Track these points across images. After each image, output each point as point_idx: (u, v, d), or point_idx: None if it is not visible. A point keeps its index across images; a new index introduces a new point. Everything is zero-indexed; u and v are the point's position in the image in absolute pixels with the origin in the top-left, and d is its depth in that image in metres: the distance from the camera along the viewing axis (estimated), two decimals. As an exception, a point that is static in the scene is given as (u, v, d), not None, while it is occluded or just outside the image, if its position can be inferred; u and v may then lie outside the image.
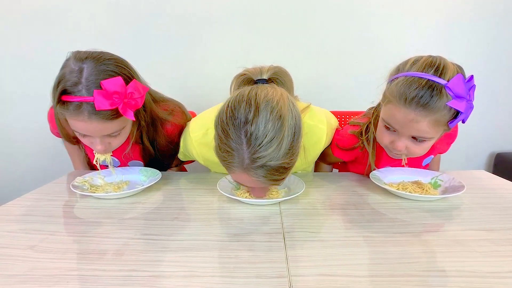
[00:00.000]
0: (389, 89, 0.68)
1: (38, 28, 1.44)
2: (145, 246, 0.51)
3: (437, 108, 0.61)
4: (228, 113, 0.56)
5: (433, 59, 0.64)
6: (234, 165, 0.56)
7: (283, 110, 0.55)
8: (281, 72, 0.68)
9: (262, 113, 0.53)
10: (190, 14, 1.43)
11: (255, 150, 0.53)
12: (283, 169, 0.56)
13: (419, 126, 0.64)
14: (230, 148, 0.55)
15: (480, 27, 1.49)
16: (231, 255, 0.48)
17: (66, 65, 0.66)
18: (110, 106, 0.62)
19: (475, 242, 0.52)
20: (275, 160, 0.54)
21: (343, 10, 1.45)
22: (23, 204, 0.68)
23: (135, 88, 0.67)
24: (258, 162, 0.53)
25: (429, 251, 0.49)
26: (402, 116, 0.65)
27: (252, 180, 0.57)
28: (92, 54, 0.67)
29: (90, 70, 0.64)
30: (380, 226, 0.57)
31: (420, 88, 0.61)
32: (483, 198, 0.70)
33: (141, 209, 0.66)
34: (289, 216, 0.62)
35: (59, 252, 0.50)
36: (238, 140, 0.54)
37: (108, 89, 0.62)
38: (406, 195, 0.68)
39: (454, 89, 0.60)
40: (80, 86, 0.63)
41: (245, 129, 0.53)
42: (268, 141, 0.53)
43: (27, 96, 1.51)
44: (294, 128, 0.57)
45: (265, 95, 0.55)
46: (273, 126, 0.53)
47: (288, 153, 0.55)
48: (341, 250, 0.50)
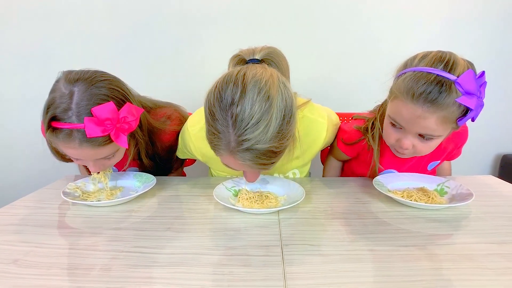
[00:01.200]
0: (396, 84, 0.65)
1: (37, 29, 1.42)
2: (134, 260, 0.48)
3: (445, 105, 0.58)
4: (215, 94, 0.53)
5: (442, 54, 0.61)
6: (221, 147, 0.54)
7: (272, 90, 0.52)
8: (275, 53, 0.66)
9: (248, 94, 0.51)
10: (190, 14, 1.41)
11: (241, 133, 0.51)
12: (271, 153, 0.54)
13: (427, 123, 0.61)
14: (217, 131, 0.53)
15: (485, 26, 1.45)
16: (225, 271, 0.46)
17: (56, 88, 0.62)
18: (102, 133, 0.59)
19: (486, 257, 0.48)
20: (262, 143, 0.51)
21: (345, 9, 1.41)
22: (12, 212, 0.65)
23: (128, 111, 0.64)
24: (244, 144, 0.51)
25: (437, 267, 0.46)
26: (409, 112, 0.62)
27: (239, 163, 0.55)
28: (83, 75, 0.63)
29: (81, 94, 0.60)
30: (384, 238, 0.54)
31: (428, 84, 0.58)
32: (493, 207, 0.66)
33: (133, 218, 0.63)
34: (288, 226, 0.59)
35: (44, 267, 0.47)
36: (224, 122, 0.52)
37: (99, 116, 0.59)
38: (411, 204, 0.65)
39: (464, 85, 0.57)
40: (70, 112, 0.59)
41: (231, 111, 0.51)
42: (254, 123, 0.50)
43: (24, 98, 1.50)
44: (284, 110, 0.53)
45: (253, 75, 0.53)
46: (260, 107, 0.50)
47: (276, 136, 0.52)
48: (342, 266, 0.47)
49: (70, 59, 1.46)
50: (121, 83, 0.69)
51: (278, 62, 0.65)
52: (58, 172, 1.00)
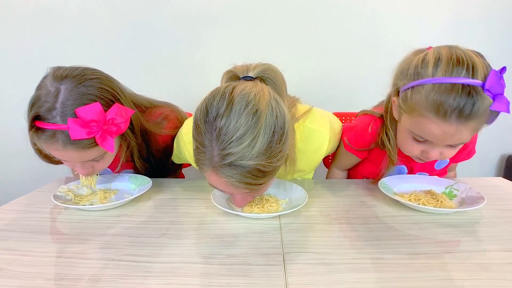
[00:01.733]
0: (413, 99, 0.58)
1: (36, 29, 1.39)
2: (126, 270, 0.45)
3: (480, 114, 0.54)
4: (202, 108, 0.51)
5: (456, 55, 0.55)
6: (204, 163, 0.51)
7: (261, 105, 0.49)
8: (270, 70, 0.61)
9: (235, 107, 0.48)
10: (190, 14, 1.39)
11: (224, 146, 0.47)
12: (258, 171, 0.49)
13: (461, 136, 0.57)
14: (201, 145, 0.50)
15: (488, 24, 1.42)
16: (222, 283, 0.42)
17: (43, 84, 0.59)
18: (87, 135, 0.56)
19: (502, 267, 0.45)
20: (247, 159, 0.47)
21: (346, 9, 1.39)
22: (0, 217, 0.62)
23: (117, 113, 0.60)
24: (227, 159, 0.47)
25: (449, 277, 0.43)
26: (441, 130, 0.57)
27: (222, 182, 0.51)
28: (72, 72, 0.60)
29: (67, 93, 0.57)
30: (392, 246, 0.51)
31: (459, 98, 0.52)
32: (505, 211, 0.63)
33: (127, 223, 0.60)
34: (290, 232, 0.56)
35: (28, 278, 0.44)
36: (208, 136, 0.49)
37: (84, 117, 0.56)
38: (419, 208, 0.62)
39: (493, 89, 0.52)
40: (54, 112, 0.56)
41: (216, 123, 0.48)
42: (239, 136, 0.47)
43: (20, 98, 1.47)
44: (274, 126, 0.50)
45: (242, 89, 0.50)
46: (246, 120, 0.47)
47: (265, 153, 0.48)
48: (347, 277, 0.43)
49: (69, 59, 1.40)
50: (112, 81, 0.65)
51: (273, 79, 0.61)
52: (51, 174, 0.97)
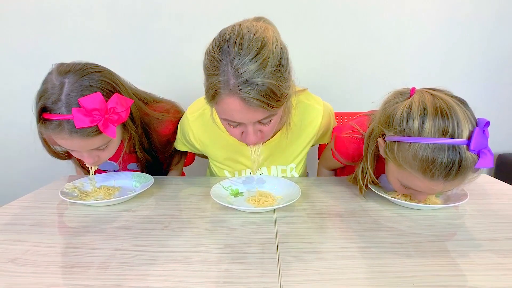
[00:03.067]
0: (401, 155, 0.58)
1: (36, 28, 1.42)
2: (132, 259, 0.49)
3: (466, 172, 0.55)
4: (214, 43, 0.59)
5: (441, 109, 0.55)
6: (221, 87, 0.56)
7: (266, 34, 0.57)
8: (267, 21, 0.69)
9: (245, 35, 0.55)
10: (189, 14, 1.42)
11: (239, 66, 0.54)
12: (271, 92, 0.55)
13: (448, 188, 0.59)
14: (217, 70, 0.56)
15: (482, 27, 1.47)
16: (221, 269, 0.46)
17: (48, 79, 0.64)
18: (90, 123, 0.60)
19: (477, 254, 0.49)
20: (260, 77, 0.54)
21: (343, 10, 1.42)
22: (9, 212, 0.66)
23: (117, 102, 0.64)
24: (243, 77, 0.54)
25: (429, 263, 0.47)
26: (427, 187, 0.58)
27: (240, 103, 0.56)
28: (75, 67, 0.65)
29: (71, 86, 0.62)
30: (377, 236, 0.55)
31: (446, 160, 0.53)
32: (486, 205, 0.67)
33: (131, 217, 0.64)
34: (284, 224, 0.60)
35: (42, 266, 0.47)
36: (224, 61, 0.55)
37: (87, 106, 0.60)
38: (405, 204, 0.66)
39: (477, 147, 0.53)
40: (59, 103, 0.61)
41: (229, 51, 0.55)
42: (251, 57, 0.54)
43: (21, 97, 1.50)
44: (279, 54, 0.57)
45: (249, 23, 0.58)
46: (256, 44, 0.55)
47: (274, 74, 0.55)
48: (336, 263, 0.47)
49: (68, 59, 1.45)
50: (112, 74, 0.70)
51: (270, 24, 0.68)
52: (56, 172, 1.00)
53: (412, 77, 1.51)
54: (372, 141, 0.69)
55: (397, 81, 1.52)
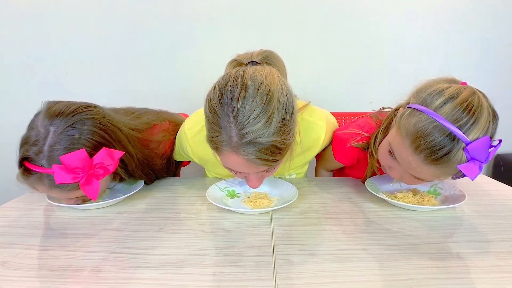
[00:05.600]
0: (406, 120, 0.58)
1: (34, 29, 1.41)
2: (125, 262, 0.48)
3: (446, 166, 0.54)
4: (215, 92, 0.54)
5: (470, 103, 0.53)
6: (223, 144, 0.53)
7: (272, 85, 0.52)
8: (272, 56, 0.66)
9: (249, 88, 0.51)
10: (187, 15, 1.41)
11: (242, 126, 0.50)
12: (275, 148, 0.52)
13: (421, 174, 0.59)
14: (218, 126, 0.52)
15: (481, 27, 1.47)
16: (216, 272, 0.46)
17: (34, 124, 0.59)
18: (71, 180, 0.56)
19: (475, 256, 0.49)
20: (265, 137, 0.50)
21: (340, 10, 1.42)
22: (1, 214, 0.65)
23: (104, 157, 0.59)
24: (246, 138, 0.50)
25: (427, 265, 0.47)
26: (407, 158, 0.58)
27: (242, 160, 0.53)
28: (65, 110, 0.59)
29: (56, 136, 0.57)
30: (374, 238, 0.55)
31: (437, 141, 0.52)
32: (484, 206, 0.67)
33: (125, 219, 0.63)
34: (280, 226, 0.59)
35: (33, 269, 0.47)
36: (226, 117, 0.51)
37: (69, 164, 0.56)
38: (402, 205, 0.65)
39: (473, 153, 0.52)
40: (41, 155, 0.56)
41: (232, 105, 0.51)
42: (256, 115, 0.50)
43: (17, 98, 1.49)
44: (285, 105, 0.53)
45: (253, 72, 0.54)
46: (261, 100, 0.50)
47: (280, 130, 0.52)
48: (333, 266, 0.47)
49: (66, 61, 1.46)
50: (105, 120, 0.63)
51: (275, 64, 0.65)
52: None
53: (410, 78, 1.50)
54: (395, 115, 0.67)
55: (395, 81, 1.53)
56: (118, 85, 1.50)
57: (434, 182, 0.74)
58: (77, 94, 1.49)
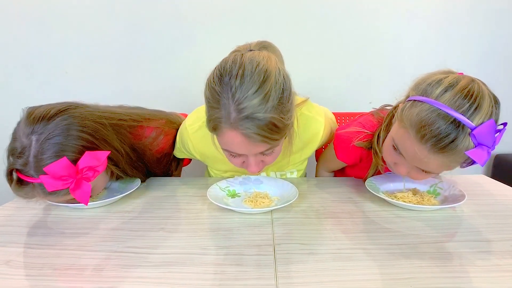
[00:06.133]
0: (407, 112, 0.58)
1: (33, 29, 1.41)
2: (127, 260, 0.48)
3: (453, 153, 0.53)
4: (215, 73, 0.56)
5: (470, 89, 0.53)
6: (222, 121, 0.54)
7: (269, 65, 0.55)
8: (270, 45, 0.69)
9: (247, 67, 0.53)
10: (186, 14, 1.41)
11: (240, 101, 0.52)
12: (273, 125, 0.53)
13: (429, 165, 0.58)
14: (217, 104, 0.54)
15: (479, 27, 1.47)
16: (218, 270, 0.46)
17: (17, 134, 0.59)
18: (62, 186, 0.57)
19: (475, 255, 0.49)
20: (262, 112, 0.52)
21: (339, 10, 1.42)
22: (3, 214, 0.65)
23: (89, 161, 0.59)
24: (244, 112, 0.52)
25: (427, 264, 0.47)
26: (413, 150, 0.57)
27: (241, 137, 0.54)
28: (45, 115, 0.58)
29: (39, 145, 0.56)
30: (374, 237, 0.55)
31: (443, 128, 0.52)
32: (483, 206, 0.67)
33: (127, 218, 0.63)
34: (281, 225, 0.59)
35: (36, 268, 0.47)
36: (225, 95, 0.53)
37: (54, 173, 0.56)
38: (402, 205, 0.65)
39: (480, 138, 0.51)
40: (28, 166, 0.56)
41: (230, 84, 0.53)
42: (253, 92, 0.52)
43: (16, 98, 1.49)
44: (282, 85, 0.55)
45: (251, 54, 0.56)
46: (258, 77, 0.53)
47: (277, 108, 0.53)
48: (333, 264, 0.47)
49: (66, 61, 1.46)
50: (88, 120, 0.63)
51: (273, 52, 0.66)
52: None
53: (410, 78, 1.51)
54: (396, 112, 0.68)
55: (395, 81, 1.53)
56: (118, 85, 1.50)
57: (434, 181, 0.75)
58: (77, 94, 1.49)
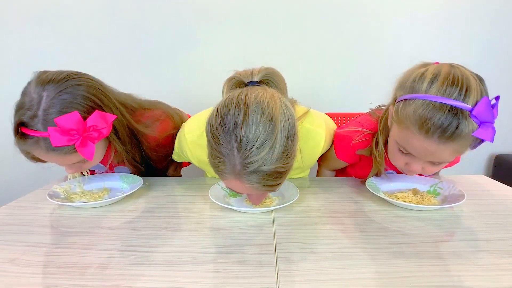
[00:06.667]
0: (403, 112, 0.59)
1: (34, 30, 1.43)
2: (131, 259, 0.49)
3: (462, 138, 0.54)
4: (217, 117, 0.53)
5: (454, 75, 0.55)
6: (226, 171, 0.53)
7: (275, 111, 0.52)
8: (273, 74, 0.65)
9: (252, 116, 0.50)
10: (188, 15, 1.43)
11: (246, 155, 0.50)
12: (277, 173, 0.53)
13: (441, 156, 0.59)
14: (221, 154, 0.52)
15: (479, 26, 1.47)
16: (219, 269, 0.47)
17: (27, 90, 0.61)
18: (67, 142, 0.58)
19: (473, 254, 0.50)
20: (268, 165, 0.50)
21: (339, 11, 1.43)
22: (8, 213, 0.66)
23: (97, 120, 0.61)
24: (250, 167, 0.50)
25: (426, 264, 0.47)
26: (422, 146, 0.58)
27: (245, 187, 0.54)
28: (56, 77, 0.61)
29: (49, 100, 0.58)
30: (374, 237, 0.55)
31: (444, 118, 0.53)
32: (483, 206, 0.68)
33: (129, 217, 0.64)
34: (282, 225, 0.60)
35: (41, 266, 0.48)
36: (229, 146, 0.51)
37: (63, 126, 0.57)
38: (402, 205, 0.66)
39: (480, 116, 0.52)
40: (36, 119, 0.58)
41: (235, 134, 0.50)
42: (259, 144, 0.49)
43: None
44: (287, 130, 0.53)
45: (255, 97, 0.52)
46: (264, 128, 0.50)
47: (282, 156, 0.52)
48: (334, 263, 0.48)
49: (66, 60, 1.47)
50: (95, 86, 0.66)
51: (276, 83, 0.64)
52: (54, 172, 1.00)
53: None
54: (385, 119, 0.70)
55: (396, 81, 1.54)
56: (120, 86, 1.49)
57: (434, 181, 0.75)
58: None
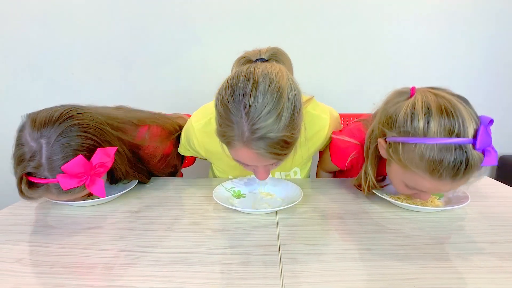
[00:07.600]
0: (407, 157, 0.57)
1: (37, 30, 1.44)
2: (136, 259, 0.50)
3: (472, 171, 0.54)
4: (227, 88, 0.56)
5: (445, 108, 0.54)
6: (234, 139, 0.55)
7: (282, 82, 0.55)
8: (280, 53, 0.68)
9: (260, 85, 0.53)
10: (190, 15, 1.43)
11: (254, 122, 0.52)
12: (284, 142, 0.55)
13: (454, 188, 0.59)
14: (230, 122, 0.54)
15: (481, 27, 1.47)
16: (224, 270, 0.47)
17: (23, 140, 0.59)
18: (77, 184, 0.59)
19: (478, 256, 0.50)
20: (275, 132, 0.53)
21: (342, 11, 1.43)
22: (15, 213, 0.67)
23: (101, 157, 0.62)
24: (258, 133, 0.53)
25: (430, 266, 0.48)
26: (435, 187, 0.58)
27: (253, 154, 0.56)
28: (49, 119, 0.59)
29: (50, 148, 0.58)
30: (378, 238, 0.56)
31: (453, 159, 0.52)
32: (487, 207, 0.68)
33: (134, 218, 0.64)
34: (286, 226, 0.60)
35: (47, 266, 0.48)
36: (238, 113, 0.53)
37: (71, 172, 0.58)
38: (406, 206, 0.66)
39: (482, 145, 0.53)
40: (42, 168, 0.58)
41: (244, 102, 0.53)
42: (267, 112, 0.52)
43: (20, 97, 1.52)
44: (294, 101, 0.56)
45: (263, 69, 0.56)
46: (271, 97, 0.53)
47: (288, 125, 0.54)
48: (337, 265, 0.48)
49: (69, 61, 1.48)
50: (89, 124, 0.64)
51: (283, 62, 0.67)
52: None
53: (413, 79, 1.51)
54: (372, 142, 0.69)
55: (398, 82, 1.52)
56: (123, 86, 1.52)
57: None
58: (82, 95, 1.51)
